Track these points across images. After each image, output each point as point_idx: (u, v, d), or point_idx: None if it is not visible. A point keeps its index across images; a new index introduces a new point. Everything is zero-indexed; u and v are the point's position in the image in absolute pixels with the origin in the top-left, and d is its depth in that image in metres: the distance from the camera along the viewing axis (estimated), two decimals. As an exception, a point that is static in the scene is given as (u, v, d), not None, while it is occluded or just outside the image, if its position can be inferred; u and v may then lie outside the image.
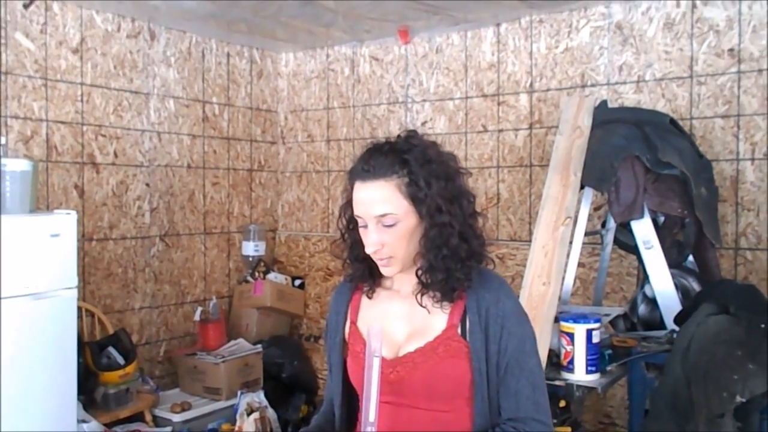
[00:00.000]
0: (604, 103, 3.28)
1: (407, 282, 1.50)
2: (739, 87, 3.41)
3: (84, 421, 3.29)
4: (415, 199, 1.40)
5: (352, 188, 1.46)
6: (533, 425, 1.41)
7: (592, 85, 3.81)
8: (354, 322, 1.55)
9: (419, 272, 1.45)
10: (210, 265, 4.66)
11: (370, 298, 1.55)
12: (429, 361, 1.43)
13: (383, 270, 1.46)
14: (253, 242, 4.80)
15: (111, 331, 3.83)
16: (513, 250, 4.09)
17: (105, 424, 3.44)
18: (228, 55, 4.73)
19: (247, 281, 4.75)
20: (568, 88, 3.90)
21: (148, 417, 3.79)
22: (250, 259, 4.81)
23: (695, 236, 3.06)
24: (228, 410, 4.01)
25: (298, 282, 4.94)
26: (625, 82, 3.72)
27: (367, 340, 1.37)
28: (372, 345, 1.35)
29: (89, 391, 3.53)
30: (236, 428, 3.74)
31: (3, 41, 3.51)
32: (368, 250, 1.43)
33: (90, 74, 3.91)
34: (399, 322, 1.49)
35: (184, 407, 3.89)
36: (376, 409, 1.33)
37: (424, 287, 1.45)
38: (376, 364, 1.34)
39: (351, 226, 1.51)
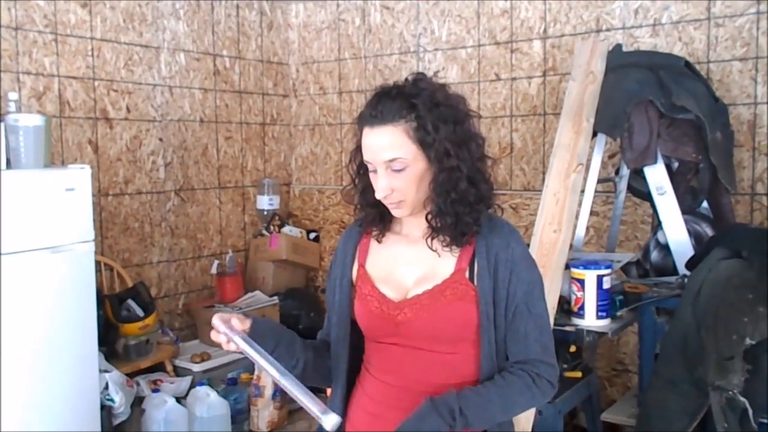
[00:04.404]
0: (618, 47, 3.21)
1: (416, 226, 1.51)
2: (758, 29, 3.32)
3: (106, 371, 3.37)
4: (423, 144, 1.40)
5: (361, 134, 1.45)
6: (541, 367, 1.44)
7: (608, 30, 3.73)
8: (362, 265, 1.56)
9: (429, 216, 1.46)
10: (225, 219, 4.70)
11: (379, 242, 1.56)
12: (436, 303, 1.44)
13: (394, 212, 1.47)
14: (267, 196, 4.83)
15: (130, 284, 3.89)
16: (526, 200, 4.07)
17: (127, 374, 3.53)
18: (237, 6, 4.68)
19: (262, 235, 4.79)
20: (582, 33, 3.81)
21: (169, 367, 3.88)
22: (265, 212, 4.84)
23: (710, 182, 3.02)
24: (247, 360, 4.05)
25: (312, 235, 4.97)
26: (641, 26, 3.63)
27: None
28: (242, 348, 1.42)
29: (110, 343, 3.61)
30: (254, 377, 3.82)
31: (11, -4, 3.50)
32: (378, 196, 1.44)
33: (99, 28, 3.89)
34: (407, 266, 1.51)
35: (204, 357, 3.97)
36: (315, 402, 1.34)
37: (433, 231, 1.46)
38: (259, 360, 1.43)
39: (361, 171, 1.51)
